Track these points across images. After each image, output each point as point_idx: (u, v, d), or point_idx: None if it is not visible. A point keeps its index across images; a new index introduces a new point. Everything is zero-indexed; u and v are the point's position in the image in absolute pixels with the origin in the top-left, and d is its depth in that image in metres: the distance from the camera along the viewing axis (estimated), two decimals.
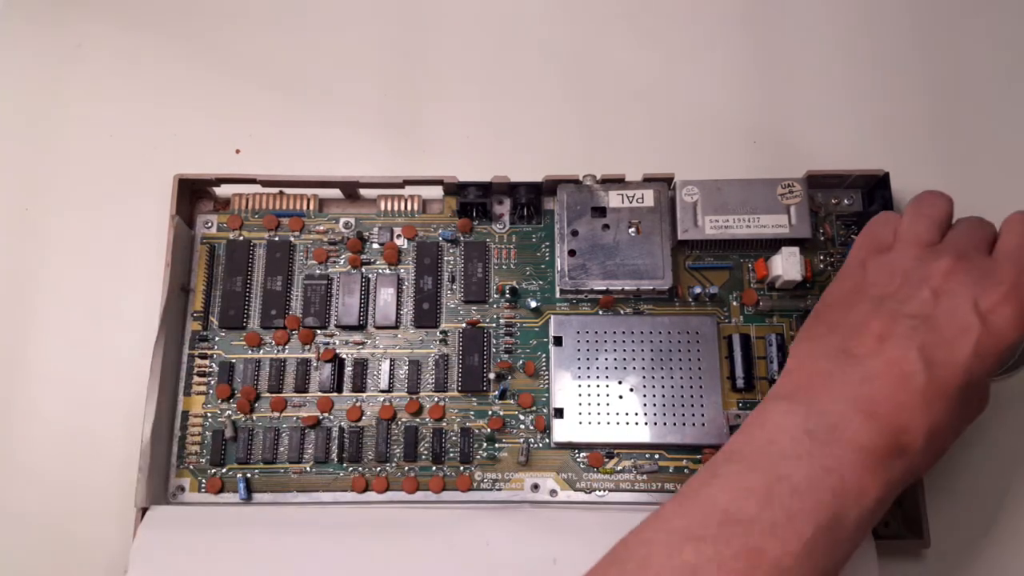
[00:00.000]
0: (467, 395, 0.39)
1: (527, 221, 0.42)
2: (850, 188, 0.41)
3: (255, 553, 0.35)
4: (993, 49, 0.46)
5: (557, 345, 0.39)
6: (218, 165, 0.43)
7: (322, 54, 0.45)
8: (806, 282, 0.40)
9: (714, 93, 0.46)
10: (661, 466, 0.38)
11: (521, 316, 0.40)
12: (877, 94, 0.45)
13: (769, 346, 0.39)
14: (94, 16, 0.47)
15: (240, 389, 0.39)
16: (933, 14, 0.47)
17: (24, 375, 0.41)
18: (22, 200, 0.44)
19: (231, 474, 0.39)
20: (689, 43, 0.46)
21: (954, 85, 0.45)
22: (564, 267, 0.40)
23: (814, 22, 0.47)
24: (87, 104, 0.45)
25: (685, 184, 0.40)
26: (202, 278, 0.41)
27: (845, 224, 0.41)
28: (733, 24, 0.47)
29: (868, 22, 0.47)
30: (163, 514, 0.36)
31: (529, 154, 0.44)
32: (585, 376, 0.38)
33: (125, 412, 0.40)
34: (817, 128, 0.45)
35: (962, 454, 0.39)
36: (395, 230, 0.42)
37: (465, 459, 0.38)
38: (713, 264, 0.41)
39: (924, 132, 0.45)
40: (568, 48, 0.46)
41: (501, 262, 0.41)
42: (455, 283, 0.41)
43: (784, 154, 0.44)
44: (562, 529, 0.36)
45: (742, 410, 0.39)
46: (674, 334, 0.39)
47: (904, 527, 0.37)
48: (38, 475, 0.40)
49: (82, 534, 0.39)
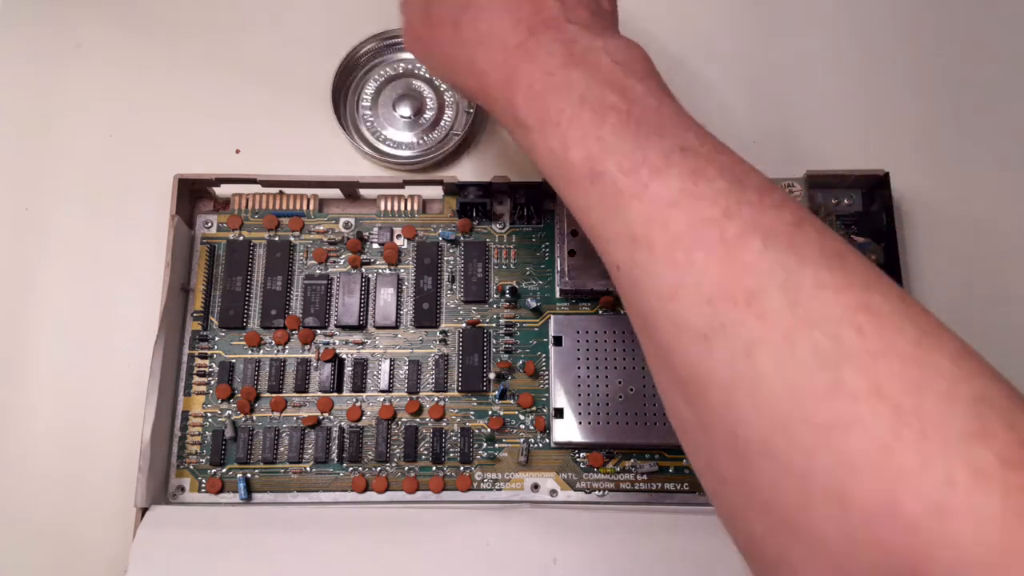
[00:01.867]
0: (467, 395, 0.39)
1: (527, 221, 0.42)
2: (850, 188, 0.41)
3: (255, 553, 0.35)
4: (994, 49, 0.46)
5: (557, 345, 0.39)
6: (218, 165, 0.43)
7: (322, 54, 0.45)
8: None
9: (714, 92, 0.45)
10: (661, 466, 0.38)
11: (521, 316, 0.40)
12: (877, 94, 0.45)
13: None
14: (94, 16, 0.47)
15: (240, 389, 0.39)
16: (934, 14, 0.46)
17: (24, 375, 0.41)
18: (22, 200, 0.44)
19: (231, 474, 0.39)
20: (689, 42, 0.46)
21: (955, 85, 0.45)
22: (564, 267, 0.40)
23: (815, 21, 0.47)
24: (87, 104, 0.45)
25: None
26: (202, 278, 0.41)
27: (845, 224, 0.41)
28: (733, 23, 0.47)
29: (869, 22, 0.47)
30: (163, 514, 0.36)
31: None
32: (585, 376, 0.38)
33: (125, 412, 0.40)
34: (817, 128, 0.45)
35: None
36: (395, 230, 0.42)
37: (465, 459, 0.38)
38: None
39: (924, 132, 0.44)
40: None
41: (501, 262, 0.41)
42: (455, 283, 0.41)
43: (784, 154, 0.44)
44: (562, 529, 0.36)
45: None
46: None
47: None
48: (38, 475, 0.40)
49: (82, 534, 0.39)
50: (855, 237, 0.41)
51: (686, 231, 0.23)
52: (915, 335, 0.21)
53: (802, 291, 0.21)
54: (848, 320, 0.21)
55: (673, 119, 0.26)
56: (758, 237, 0.22)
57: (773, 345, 0.21)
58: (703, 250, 0.23)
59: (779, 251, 0.22)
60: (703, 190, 0.24)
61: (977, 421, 0.19)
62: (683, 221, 0.23)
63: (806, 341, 0.21)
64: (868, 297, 0.21)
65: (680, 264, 0.23)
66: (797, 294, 0.21)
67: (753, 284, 0.22)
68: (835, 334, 0.21)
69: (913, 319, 0.21)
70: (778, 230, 0.23)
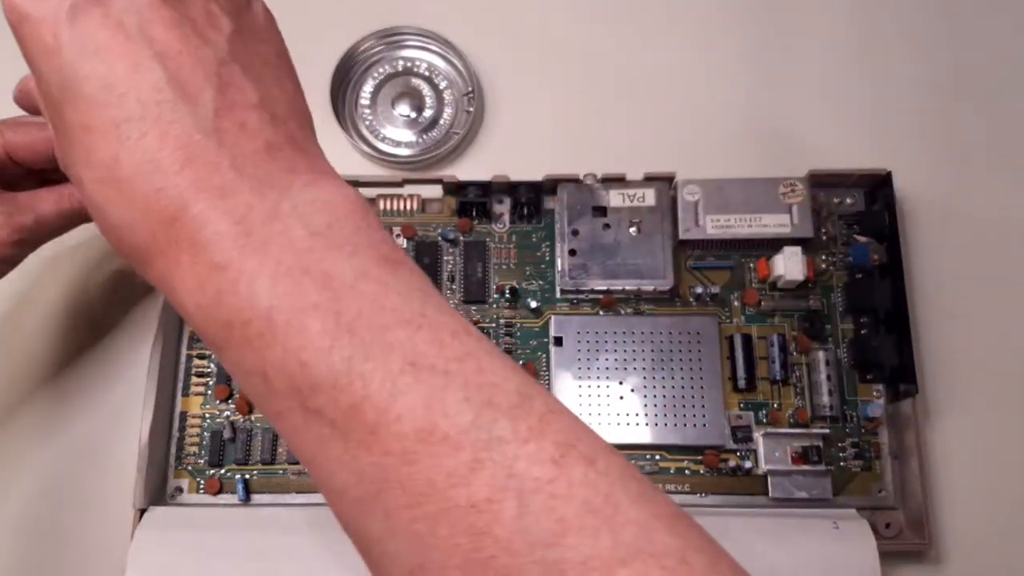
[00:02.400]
0: None
1: (527, 221, 0.41)
2: (852, 187, 0.41)
3: (253, 554, 0.35)
4: (995, 49, 0.46)
5: (557, 345, 0.39)
6: None
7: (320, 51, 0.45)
8: (808, 282, 0.39)
9: (716, 92, 0.45)
10: (662, 467, 0.38)
11: (521, 316, 0.40)
12: (880, 93, 0.45)
13: (771, 346, 0.39)
14: None
15: (239, 390, 0.39)
16: (935, 14, 0.46)
17: (23, 374, 0.41)
18: None
19: (229, 475, 0.38)
20: (691, 41, 0.46)
21: (956, 84, 0.45)
22: (564, 267, 0.40)
23: (817, 20, 0.46)
24: None
25: (686, 183, 0.40)
26: None
27: (847, 224, 0.41)
28: (735, 22, 0.46)
29: (871, 21, 0.46)
30: (161, 515, 0.36)
31: (529, 153, 0.44)
32: (585, 376, 0.38)
33: (123, 412, 0.40)
34: (819, 127, 0.44)
35: (966, 453, 0.39)
36: (394, 230, 0.41)
37: None
38: (714, 264, 0.40)
39: (927, 131, 0.44)
40: (569, 47, 0.46)
41: (501, 262, 0.41)
42: (455, 283, 0.41)
43: (786, 153, 0.44)
44: None
45: (743, 411, 0.38)
46: (675, 334, 0.39)
47: (907, 527, 0.37)
48: (36, 475, 0.39)
49: (80, 534, 0.39)
50: (857, 237, 0.40)
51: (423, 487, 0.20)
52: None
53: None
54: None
55: (399, 308, 0.21)
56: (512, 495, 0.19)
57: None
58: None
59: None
60: (443, 431, 0.19)
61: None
62: (422, 477, 0.19)
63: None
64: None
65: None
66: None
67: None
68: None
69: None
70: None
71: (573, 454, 0.20)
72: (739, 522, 0.36)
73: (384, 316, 0.20)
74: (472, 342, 0.21)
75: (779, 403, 0.39)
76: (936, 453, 0.39)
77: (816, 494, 0.37)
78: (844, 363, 0.39)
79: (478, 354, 0.21)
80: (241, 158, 0.22)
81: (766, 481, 0.37)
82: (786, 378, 0.39)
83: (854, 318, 0.39)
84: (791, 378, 0.39)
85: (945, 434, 0.39)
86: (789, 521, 0.36)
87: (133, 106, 0.21)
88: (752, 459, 0.38)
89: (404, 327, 0.20)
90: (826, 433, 0.37)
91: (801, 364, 0.39)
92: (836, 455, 0.38)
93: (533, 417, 0.20)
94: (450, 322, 0.21)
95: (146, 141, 0.21)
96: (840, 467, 0.38)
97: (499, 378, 0.21)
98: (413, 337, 0.20)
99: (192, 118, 0.21)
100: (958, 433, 0.39)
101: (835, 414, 0.38)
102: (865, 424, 0.38)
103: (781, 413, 0.38)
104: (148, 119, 0.21)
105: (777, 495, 0.37)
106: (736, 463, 0.37)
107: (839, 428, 0.38)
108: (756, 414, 0.38)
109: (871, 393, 0.39)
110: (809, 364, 0.39)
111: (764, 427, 0.38)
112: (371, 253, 0.22)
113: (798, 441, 0.37)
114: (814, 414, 0.38)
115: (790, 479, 0.37)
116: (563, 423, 0.21)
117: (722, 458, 0.38)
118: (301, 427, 0.21)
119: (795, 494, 0.37)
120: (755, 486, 0.38)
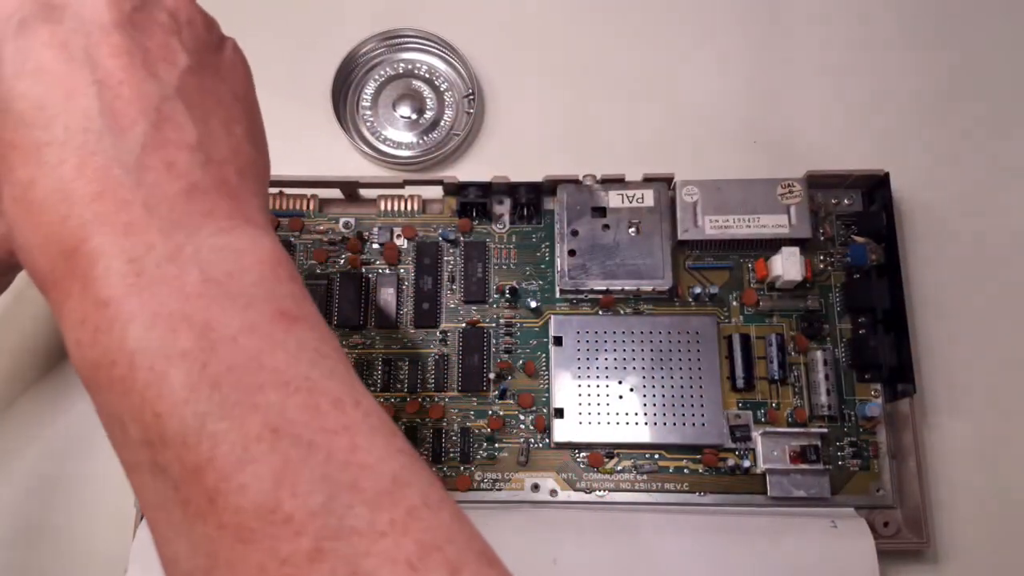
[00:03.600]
0: (467, 395, 0.39)
1: (527, 221, 0.42)
2: (850, 188, 0.41)
3: None
4: (995, 49, 0.46)
5: (557, 345, 0.39)
6: None
7: (322, 53, 0.45)
8: (806, 282, 0.39)
9: (714, 93, 0.45)
10: (661, 466, 0.38)
11: (521, 316, 0.40)
12: (878, 94, 0.45)
13: (769, 346, 0.39)
14: None
15: None
16: (935, 14, 0.46)
17: (21, 371, 0.41)
18: None
19: None
20: (689, 42, 0.46)
21: (954, 85, 0.45)
22: (564, 267, 0.40)
23: (815, 21, 0.47)
24: None
25: (685, 184, 0.40)
26: None
27: (845, 224, 0.41)
28: (733, 23, 0.47)
29: (869, 22, 0.47)
30: None
31: (529, 154, 0.44)
32: (585, 376, 0.38)
33: None
34: (817, 128, 0.45)
35: (964, 452, 0.39)
36: (395, 230, 0.42)
37: (465, 459, 0.38)
38: (713, 264, 0.41)
39: (925, 132, 0.44)
40: (568, 49, 0.46)
41: (501, 262, 0.41)
42: (455, 283, 0.41)
43: (784, 154, 0.44)
44: (562, 529, 0.36)
45: (742, 410, 0.39)
46: (674, 334, 0.39)
47: (905, 526, 0.37)
48: (37, 473, 0.40)
49: (81, 534, 0.39)
50: (855, 237, 0.41)
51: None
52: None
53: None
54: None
55: (280, 368, 0.19)
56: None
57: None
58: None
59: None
60: (287, 511, 0.17)
61: None
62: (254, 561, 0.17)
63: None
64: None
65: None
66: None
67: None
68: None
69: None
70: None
71: (436, 558, 0.17)
72: (737, 521, 0.36)
73: (259, 375, 0.19)
74: (356, 415, 0.19)
75: (777, 403, 0.39)
76: (934, 452, 0.39)
77: (814, 493, 0.37)
78: (842, 363, 0.39)
79: (358, 429, 0.19)
80: (157, 197, 0.20)
81: (764, 480, 0.37)
82: (784, 378, 0.39)
83: (852, 318, 0.40)
84: (789, 378, 0.39)
85: (943, 433, 0.40)
86: (787, 520, 0.36)
87: (59, 131, 0.21)
88: (751, 458, 0.38)
89: (279, 389, 0.18)
90: (824, 432, 0.38)
91: (799, 364, 0.39)
92: (834, 454, 0.38)
93: (400, 509, 0.18)
94: (336, 389, 0.19)
95: (63, 169, 0.21)
96: (838, 466, 0.38)
97: (374, 459, 0.19)
98: (285, 401, 0.18)
99: (115, 151, 0.21)
100: (956, 432, 0.40)
101: (833, 413, 0.38)
102: (863, 423, 0.38)
103: (779, 412, 0.39)
104: (70, 146, 0.21)
105: (775, 494, 0.37)
106: (735, 462, 0.38)
107: (837, 427, 0.38)
108: (755, 413, 0.39)
109: (869, 392, 0.39)
110: (807, 364, 0.39)
111: (763, 426, 0.38)
112: (267, 307, 0.20)
113: (796, 440, 0.37)
114: (812, 413, 0.39)
115: (788, 478, 0.37)
116: (436, 520, 0.18)
117: (721, 457, 0.38)
118: (149, 484, 0.19)
119: (793, 493, 0.37)
120: (754, 485, 0.38)
